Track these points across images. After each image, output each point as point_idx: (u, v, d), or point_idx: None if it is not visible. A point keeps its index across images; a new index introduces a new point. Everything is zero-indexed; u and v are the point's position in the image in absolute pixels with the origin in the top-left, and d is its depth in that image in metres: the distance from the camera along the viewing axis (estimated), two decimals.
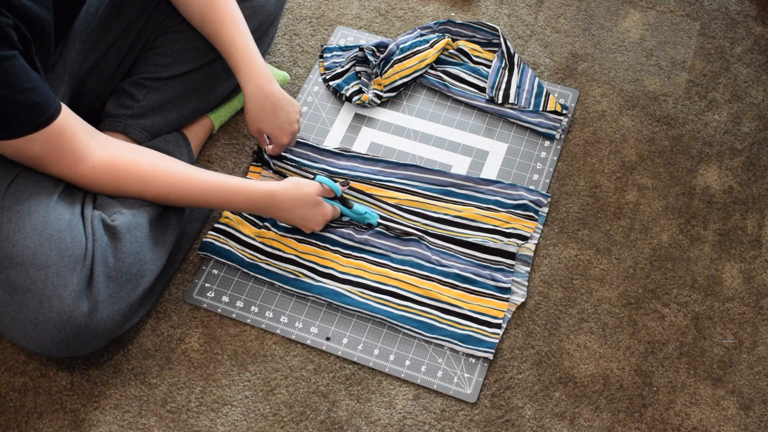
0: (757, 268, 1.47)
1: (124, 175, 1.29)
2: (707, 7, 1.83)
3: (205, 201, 1.36)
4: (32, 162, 1.23)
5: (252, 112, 1.45)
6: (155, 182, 1.31)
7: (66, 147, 1.23)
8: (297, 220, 1.43)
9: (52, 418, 1.31)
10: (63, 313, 1.18)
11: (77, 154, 1.25)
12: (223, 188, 1.35)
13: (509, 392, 1.34)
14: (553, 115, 1.63)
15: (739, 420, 1.32)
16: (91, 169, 1.27)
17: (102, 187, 1.29)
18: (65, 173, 1.26)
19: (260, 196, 1.37)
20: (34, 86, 1.15)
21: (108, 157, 1.28)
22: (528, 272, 1.45)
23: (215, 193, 1.34)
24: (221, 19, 1.41)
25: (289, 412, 1.33)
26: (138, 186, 1.31)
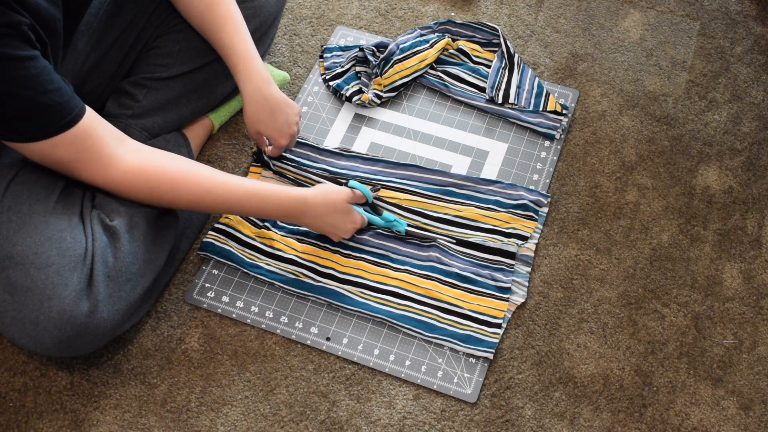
0: (757, 268, 1.47)
1: (157, 180, 1.27)
2: (707, 7, 1.83)
3: (238, 206, 1.33)
4: (61, 167, 1.22)
5: (250, 114, 1.44)
6: (189, 187, 1.29)
7: (93, 151, 1.21)
8: (327, 228, 1.41)
9: (52, 418, 1.31)
10: (63, 312, 1.18)
11: (106, 159, 1.23)
12: (255, 194, 1.33)
13: (509, 392, 1.34)
14: (553, 115, 1.63)
15: (739, 420, 1.33)
16: (123, 174, 1.25)
17: (136, 192, 1.27)
18: (96, 178, 1.24)
19: (292, 201, 1.36)
20: (57, 87, 1.14)
21: (140, 162, 1.26)
22: (528, 272, 1.45)
23: (248, 198, 1.32)
24: (221, 21, 1.41)
25: (289, 412, 1.33)
26: (172, 192, 1.28)
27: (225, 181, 1.31)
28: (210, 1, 1.40)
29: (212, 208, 1.33)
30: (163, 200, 1.29)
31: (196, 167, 1.31)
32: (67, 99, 1.16)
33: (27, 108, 1.12)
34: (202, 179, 1.30)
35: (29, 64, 1.10)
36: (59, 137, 1.17)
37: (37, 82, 1.11)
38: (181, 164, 1.30)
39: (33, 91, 1.11)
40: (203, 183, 1.30)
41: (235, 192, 1.31)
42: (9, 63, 1.08)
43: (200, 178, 1.30)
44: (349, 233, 1.43)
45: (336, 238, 1.44)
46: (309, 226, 1.40)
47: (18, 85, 1.10)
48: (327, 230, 1.42)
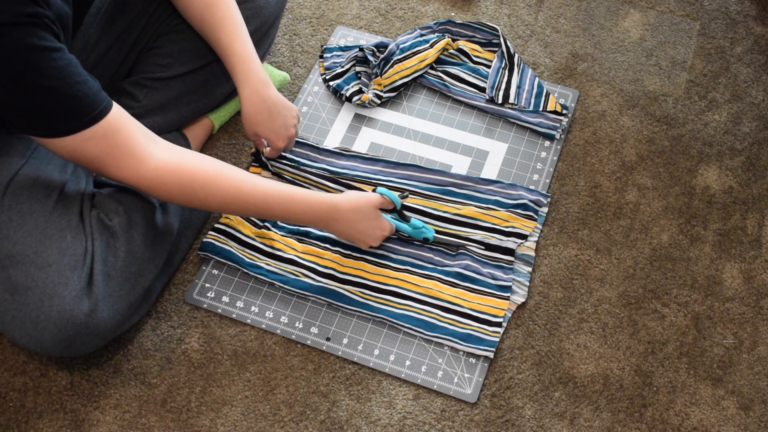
0: (757, 268, 1.47)
1: (190, 179, 1.25)
2: (707, 7, 1.83)
3: (268, 208, 1.31)
4: (92, 164, 1.20)
5: (248, 116, 1.44)
6: (221, 186, 1.27)
7: (123, 146, 1.19)
8: (356, 234, 1.39)
9: (52, 418, 1.31)
10: (64, 311, 1.18)
11: (137, 155, 1.20)
12: (286, 196, 1.31)
13: (509, 392, 1.34)
14: (553, 115, 1.63)
15: (739, 420, 1.33)
16: (154, 170, 1.22)
17: (167, 190, 1.24)
18: (127, 175, 1.21)
19: (323, 206, 1.34)
20: (84, 80, 1.14)
21: (171, 160, 1.24)
22: (530, 272, 1.45)
23: (279, 200, 1.31)
24: (220, 22, 1.40)
25: (289, 412, 1.33)
26: (204, 190, 1.26)
27: (257, 182, 1.30)
28: (210, 2, 1.40)
29: (243, 208, 1.30)
30: (195, 199, 1.27)
31: (229, 167, 1.29)
32: (95, 92, 1.15)
33: (56, 100, 1.11)
34: (234, 179, 1.28)
35: (56, 56, 1.10)
36: (89, 131, 1.15)
37: (65, 74, 1.11)
38: (214, 163, 1.28)
39: (62, 83, 1.10)
40: (236, 183, 1.28)
41: (267, 193, 1.30)
42: (37, 53, 1.07)
43: (233, 178, 1.28)
44: (378, 240, 1.41)
45: (364, 245, 1.41)
46: (338, 232, 1.38)
47: (46, 76, 1.09)
48: (356, 237, 1.40)
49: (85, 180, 1.34)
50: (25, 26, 1.06)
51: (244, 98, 1.43)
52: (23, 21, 1.05)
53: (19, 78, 1.07)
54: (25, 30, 1.06)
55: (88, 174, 1.37)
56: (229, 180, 1.27)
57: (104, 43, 1.44)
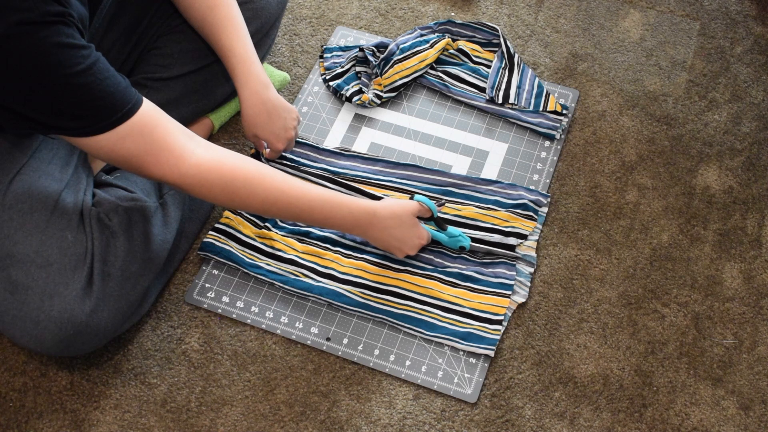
0: (757, 268, 1.47)
1: (232, 176, 1.23)
2: (707, 7, 1.83)
3: (309, 211, 1.29)
4: (131, 163, 1.18)
5: (248, 117, 1.44)
6: (264, 186, 1.25)
7: (161, 142, 1.18)
8: (393, 242, 1.37)
9: (52, 418, 1.31)
10: (64, 311, 1.18)
11: (177, 152, 1.19)
12: (327, 200, 1.30)
13: (509, 392, 1.35)
14: (553, 115, 1.63)
15: (739, 420, 1.33)
16: (196, 166, 1.20)
17: (209, 188, 1.23)
18: (168, 173, 1.19)
19: (362, 211, 1.33)
20: (113, 75, 1.13)
21: (213, 158, 1.22)
22: (531, 272, 1.45)
23: (320, 204, 1.29)
24: (221, 23, 1.40)
25: (289, 412, 1.33)
26: (247, 189, 1.24)
27: (300, 185, 1.29)
28: (211, 4, 1.40)
29: (285, 210, 1.28)
30: (237, 198, 1.25)
31: (271, 169, 1.28)
32: (125, 87, 1.14)
33: (87, 97, 1.10)
34: (277, 180, 1.27)
35: (84, 53, 1.09)
36: (125, 128, 1.14)
37: (94, 70, 1.10)
38: (256, 164, 1.27)
39: (91, 79, 1.10)
40: (278, 184, 1.26)
41: (307, 195, 1.29)
42: (65, 51, 1.07)
43: (276, 179, 1.27)
44: (415, 249, 1.40)
45: (401, 254, 1.39)
46: (375, 239, 1.36)
47: (75, 73, 1.08)
48: (393, 245, 1.38)
49: (85, 180, 1.34)
50: (52, 24, 1.06)
51: (243, 100, 1.43)
52: (50, 20, 1.05)
53: (49, 76, 1.07)
54: (53, 29, 1.06)
55: (88, 174, 1.37)
56: (272, 181, 1.26)
57: (106, 44, 1.44)
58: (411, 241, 1.39)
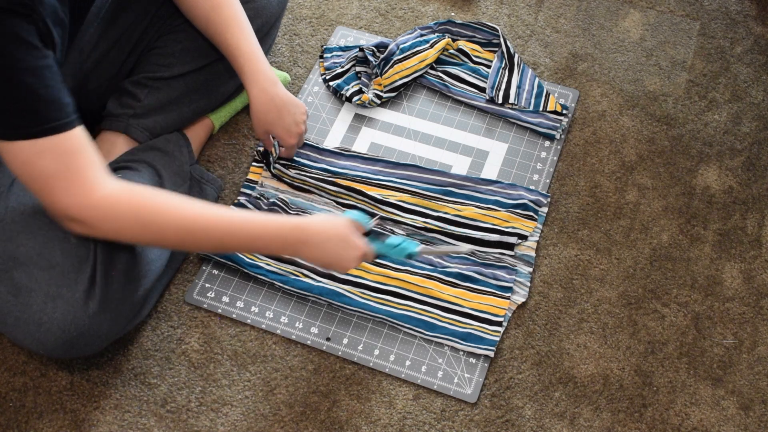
0: (757, 268, 1.47)
1: (143, 206, 1.16)
2: (707, 7, 1.83)
3: (231, 235, 1.20)
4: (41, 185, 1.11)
5: (258, 114, 1.44)
6: (177, 214, 1.17)
7: (80, 169, 1.11)
8: (330, 258, 1.26)
9: (52, 418, 1.31)
10: (67, 313, 1.18)
11: (91, 181, 1.12)
12: (251, 221, 1.22)
13: (509, 392, 1.35)
14: (553, 115, 1.63)
15: (739, 420, 1.33)
16: (106, 198, 1.13)
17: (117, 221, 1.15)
18: (75, 202, 1.12)
19: (290, 228, 1.23)
20: (59, 87, 1.09)
21: (124, 189, 1.16)
22: (530, 272, 1.45)
23: (242, 226, 1.21)
24: (227, 22, 1.40)
25: (289, 412, 1.33)
26: (159, 220, 1.17)
27: (216, 209, 1.21)
28: (215, 3, 1.40)
29: (204, 238, 1.20)
30: (148, 232, 1.17)
31: (187, 198, 1.21)
32: (66, 103, 1.10)
33: (25, 96, 1.06)
34: (193, 208, 1.19)
35: (37, 54, 1.06)
36: (47, 141, 1.08)
37: (40, 74, 1.06)
38: (170, 194, 1.21)
39: (34, 81, 1.06)
40: (193, 211, 1.18)
41: (229, 220, 1.20)
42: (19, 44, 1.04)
43: (191, 208, 1.19)
44: (355, 261, 1.28)
45: (342, 269, 1.28)
46: (311, 258, 1.26)
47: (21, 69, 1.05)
48: (331, 261, 1.27)
49: None
50: (15, 15, 1.03)
51: (253, 97, 1.43)
52: (15, 9, 1.02)
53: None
54: (14, 19, 1.03)
55: None
56: (186, 209, 1.18)
57: (105, 44, 1.44)
58: (348, 254, 1.26)
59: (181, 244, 1.22)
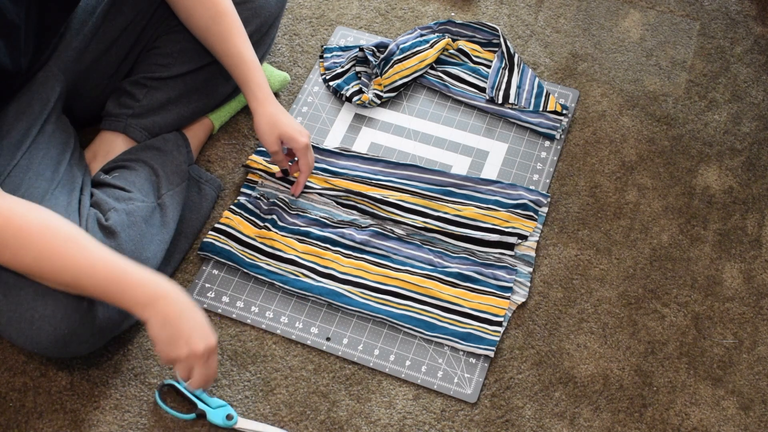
0: (757, 268, 1.47)
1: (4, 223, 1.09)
2: (707, 7, 1.83)
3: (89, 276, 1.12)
4: None
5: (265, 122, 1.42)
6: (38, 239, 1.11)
7: None
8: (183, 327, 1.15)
9: (52, 418, 1.31)
10: (58, 310, 1.18)
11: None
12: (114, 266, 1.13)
13: (509, 392, 1.35)
14: (553, 115, 1.63)
15: (739, 420, 1.33)
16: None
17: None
18: None
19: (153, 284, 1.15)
20: None
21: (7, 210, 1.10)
22: (530, 272, 1.45)
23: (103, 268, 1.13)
24: (227, 33, 1.40)
25: (289, 412, 1.33)
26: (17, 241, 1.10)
27: (87, 243, 1.13)
28: (215, 14, 1.39)
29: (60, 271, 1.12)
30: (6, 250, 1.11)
31: (61, 222, 1.13)
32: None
33: None
34: (58, 233, 1.11)
35: None
36: None
37: None
38: (44, 215, 1.13)
39: None
40: (58, 237, 1.11)
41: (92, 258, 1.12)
42: None
43: (57, 232, 1.11)
44: (201, 345, 1.16)
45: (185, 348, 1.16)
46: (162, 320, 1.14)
47: None
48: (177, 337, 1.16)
49: (81, 179, 1.34)
50: None
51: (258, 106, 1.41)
52: None
53: None
54: None
55: (85, 173, 1.37)
56: (52, 233, 1.11)
57: (102, 44, 1.44)
58: (200, 333, 1.17)
59: (37, 273, 1.13)
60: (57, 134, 1.36)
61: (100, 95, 1.49)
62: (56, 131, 1.36)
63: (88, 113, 1.51)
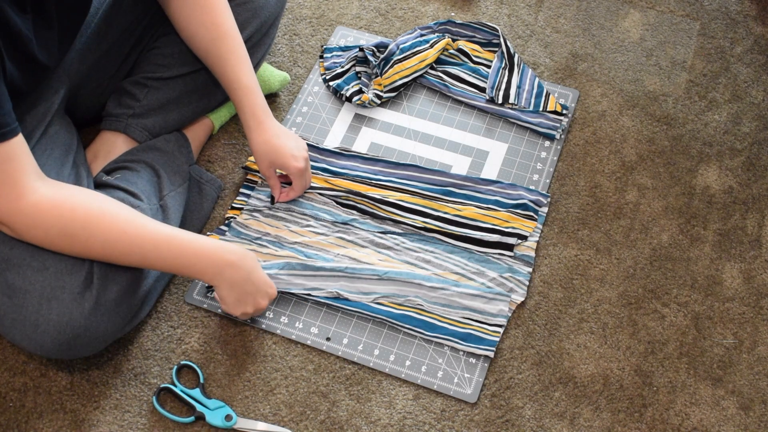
0: (757, 268, 1.47)
1: (72, 217, 1.15)
2: (707, 7, 1.83)
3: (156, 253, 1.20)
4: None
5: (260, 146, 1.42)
6: (103, 226, 1.17)
7: (11, 176, 1.11)
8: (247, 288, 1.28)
9: (52, 418, 1.31)
10: (62, 314, 1.18)
11: (20, 188, 1.12)
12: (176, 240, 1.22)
13: (509, 392, 1.35)
14: (553, 115, 1.63)
15: (739, 420, 1.33)
16: (34, 205, 1.13)
17: (45, 228, 1.15)
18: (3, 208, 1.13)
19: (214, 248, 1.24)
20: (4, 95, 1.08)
21: (54, 195, 1.15)
22: (530, 272, 1.45)
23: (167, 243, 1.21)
24: (226, 56, 1.39)
25: (289, 412, 1.33)
26: (86, 231, 1.16)
27: (144, 221, 1.21)
28: (215, 36, 1.39)
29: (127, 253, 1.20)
30: (76, 241, 1.17)
31: (116, 205, 1.20)
32: (5, 113, 1.09)
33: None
34: (119, 218, 1.19)
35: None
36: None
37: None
38: (100, 201, 1.19)
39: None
40: (119, 222, 1.18)
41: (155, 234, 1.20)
42: None
43: (117, 217, 1.19)
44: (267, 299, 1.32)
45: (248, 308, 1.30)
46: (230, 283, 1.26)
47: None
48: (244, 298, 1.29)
49: (85, 181, 1.34)
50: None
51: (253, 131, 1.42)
52: None
53: None
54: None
55: (88, 174, 1.37)
56: (113, 219, 1.18)
57: (104, 45, 1.44)
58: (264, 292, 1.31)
59: (106, 256, 1.20)
60: (60, 135, 1.36)
61: (101, 95, 1.49)
62: (60, 132, 1.36)
63: (88, 113, 1.51)
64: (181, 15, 1.40)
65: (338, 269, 1.42)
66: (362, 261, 1.44)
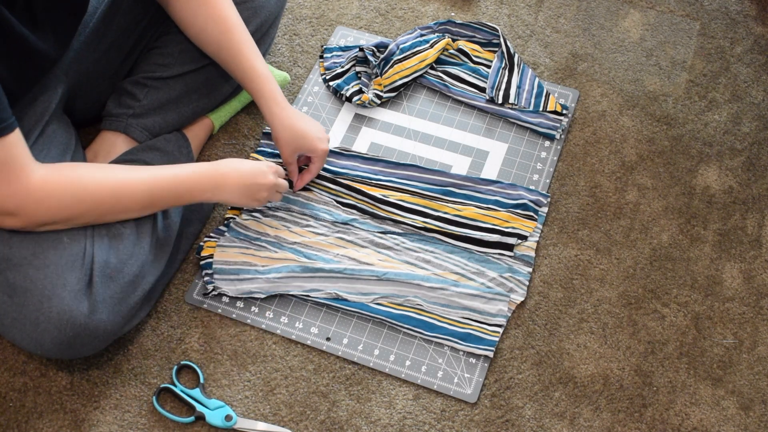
0: (757, 268, 1.47)
1: (74, 181, 1.20)
2: (707, 7, 1.83)
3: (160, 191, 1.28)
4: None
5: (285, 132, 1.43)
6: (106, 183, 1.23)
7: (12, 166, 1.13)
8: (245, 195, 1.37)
9: (52, 418, 1.31)
10: (63, 312, 1.18)
11: (23, 173, 1.15)
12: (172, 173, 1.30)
13: (509, 392, 1.35)
14: (553, 115, 1.63)
15: (739, 420, 1.33)
16: (41, 179, 1.16)
17: (58, 197, 1.18)
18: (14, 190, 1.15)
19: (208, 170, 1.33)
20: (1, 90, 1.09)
21: (55, 169, 1.19)
22: (529, 272, 1.45)
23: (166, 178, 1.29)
24: (238, 46, 1.40)
25: (289, 412, 1.33)
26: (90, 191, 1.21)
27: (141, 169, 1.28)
28: (224, 29, 1.39)
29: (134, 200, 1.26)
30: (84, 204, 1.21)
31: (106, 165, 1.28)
32: (5, 106, 1.10)
33: None
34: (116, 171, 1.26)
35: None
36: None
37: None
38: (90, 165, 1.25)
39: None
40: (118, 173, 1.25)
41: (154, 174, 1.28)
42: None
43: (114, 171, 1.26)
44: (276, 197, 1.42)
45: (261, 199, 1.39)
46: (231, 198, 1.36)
47: None
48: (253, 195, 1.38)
49: None
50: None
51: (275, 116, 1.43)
52: None
53: None
54: None
55: None
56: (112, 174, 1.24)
57: (102, 44, 1.44)
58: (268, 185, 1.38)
59: (114, 211, 1.26)
60: (58, 134, 1.36)
61: (101, 95, 1.49)
62: (57, 131, 1.36)
63: (88, 113, 1.51)
64: (186, 12, 1.40)
65: (337, 270, 1.42)
66: (362, 261, 1.44)
